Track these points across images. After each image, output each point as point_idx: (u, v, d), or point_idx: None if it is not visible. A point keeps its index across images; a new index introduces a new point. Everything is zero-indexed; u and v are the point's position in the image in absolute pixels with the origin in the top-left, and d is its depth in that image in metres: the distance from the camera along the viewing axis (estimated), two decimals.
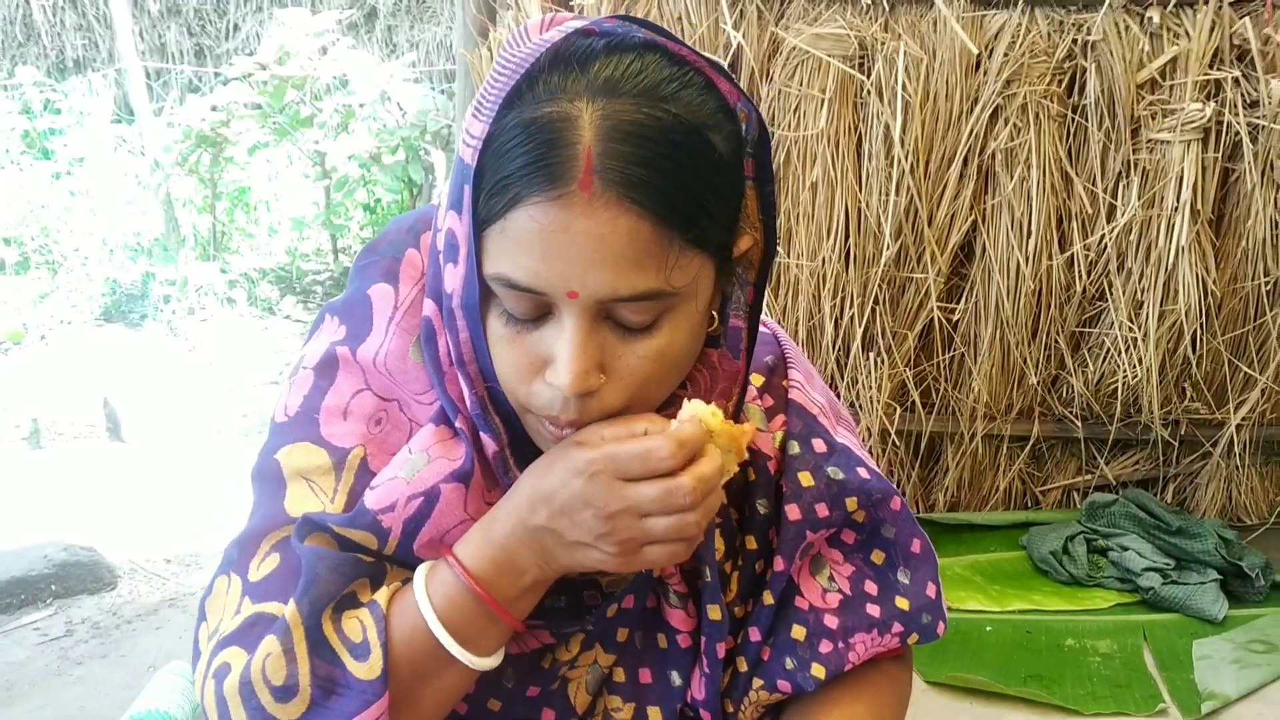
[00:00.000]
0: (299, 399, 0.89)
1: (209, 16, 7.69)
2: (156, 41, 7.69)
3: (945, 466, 3.08)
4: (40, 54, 7.70)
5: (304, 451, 0.87)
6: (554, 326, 0.75)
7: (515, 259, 0.72)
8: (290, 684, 0.79)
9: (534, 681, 0.96)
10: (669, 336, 0.77)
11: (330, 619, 0.81)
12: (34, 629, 2.53)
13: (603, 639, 0.97)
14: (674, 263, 0.74)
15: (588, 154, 0.70)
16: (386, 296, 0.90)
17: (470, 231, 0.75)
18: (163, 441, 3.74)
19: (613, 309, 0.74)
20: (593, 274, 0.71)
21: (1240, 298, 2.88)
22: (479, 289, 0.77)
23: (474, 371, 0.81)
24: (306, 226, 5.81)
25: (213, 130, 5.10)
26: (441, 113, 5.01)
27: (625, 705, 0.98)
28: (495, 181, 0.73)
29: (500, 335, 0.78)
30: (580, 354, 0.74)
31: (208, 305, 5.05)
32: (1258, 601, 2.66)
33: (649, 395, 0.80)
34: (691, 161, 0.73)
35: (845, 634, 0.97)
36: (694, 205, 0.73)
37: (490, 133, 0.73)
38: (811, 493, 0.96)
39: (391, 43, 7.34)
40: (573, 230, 0.70)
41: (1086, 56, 2.74)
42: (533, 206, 0.71)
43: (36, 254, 5.43)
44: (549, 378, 0.76)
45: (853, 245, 2.82)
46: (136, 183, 5.91)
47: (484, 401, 0.82)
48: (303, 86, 5.11)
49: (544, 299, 0.74)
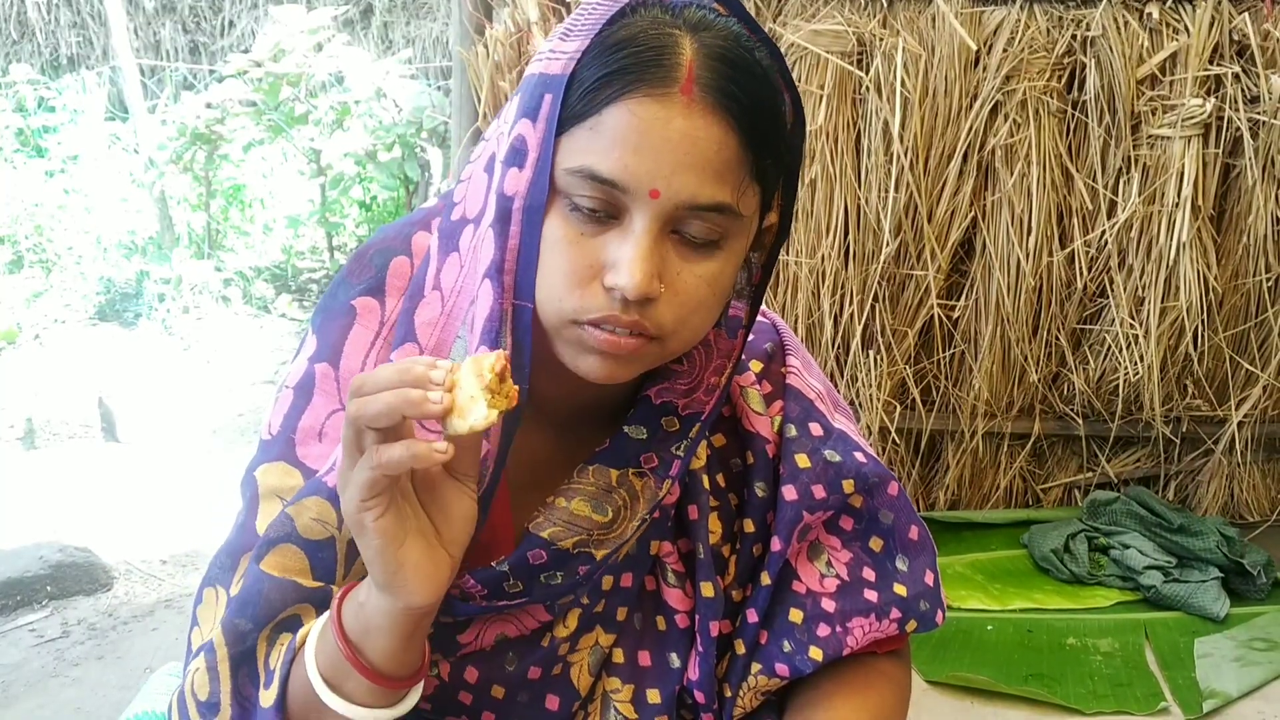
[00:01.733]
0: (280, 418, 0.91)
1: (204, 13, 7.66)
2: (151, 39, 7.66)
3: (946, 464, 3.07)
4: (34, 51, 7.68)
5: (280, 471, 0.89)
6: (619, 232, 0.77)
7: (606, 152, 0.75)
8: (213, 700, 0.81)
9: (534, 662, 0.95)
10: (723, 264, 0.80)
11: (267, 639, 0.82)
12: (30, 630, 2.52)
13: (603, 620, 0.97)
14: (744, 188, 0.78)
15: (690, 65, 0.75)
16: (372, 310, 0.90)
17: (545, 137, 0.77)
18: (158, 441, 3.73)
19: (682, 222, 0.77)
20: (679, 175, 0.75)
21: (1241, 294, 2.87)
22: (545, 192, 0.78)
23: (509, 283, 0.81)
24: (302, 224, 5.79)
25: (207, 128, 5.08)
26: (438, 109, 4.99)
27: (624, 687, 0.98)
28: (596, 79, 0.76)
29: (562, 238, 0.78)
30: (649, 256, 0.76)
31: (202, 304, 5.03)
32: (1259, 599, 2.66)
33: (693, 325, 0.82)
34: (769, 102, 0.79)
35: (843, 618, 0.97)
36: (768, 139, 0.79)
37: (588, 45, 0.77)
38: (808, 474, 0.97)
39: (387, 39, 7.32)
40: (670, 128, 0.74)
41: (1086, 52, 2.73)
42: (634, 102, 0.75)
43: (30, 252, 5.41)
44: (610, 280, 0.77)
45: (852, 242, 2.81)
46: (131, 181, 5.89)
47: (505, 315, 0.81)
48: (298, 83, 5.09)
49: (619, 199, 0.76)
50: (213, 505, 3.23)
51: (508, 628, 0.94)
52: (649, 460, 0.92)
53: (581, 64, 0.77)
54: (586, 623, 0.96)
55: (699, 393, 0.91)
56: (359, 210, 6.19)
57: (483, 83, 2.78)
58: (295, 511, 0.84)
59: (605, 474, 0.91)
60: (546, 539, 0.89)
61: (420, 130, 5.01)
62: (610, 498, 0.91)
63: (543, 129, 0.78)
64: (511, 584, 0.89)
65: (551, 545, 0.89)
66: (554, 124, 0.77)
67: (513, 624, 0.94)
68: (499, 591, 0.89)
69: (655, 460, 0.92)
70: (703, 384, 0.91)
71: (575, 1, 2.73)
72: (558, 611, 0.95)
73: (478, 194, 0.85)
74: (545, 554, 0.89)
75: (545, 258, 0.79)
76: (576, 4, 2.70)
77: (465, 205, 0.87)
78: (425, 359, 0.71)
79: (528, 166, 0.79)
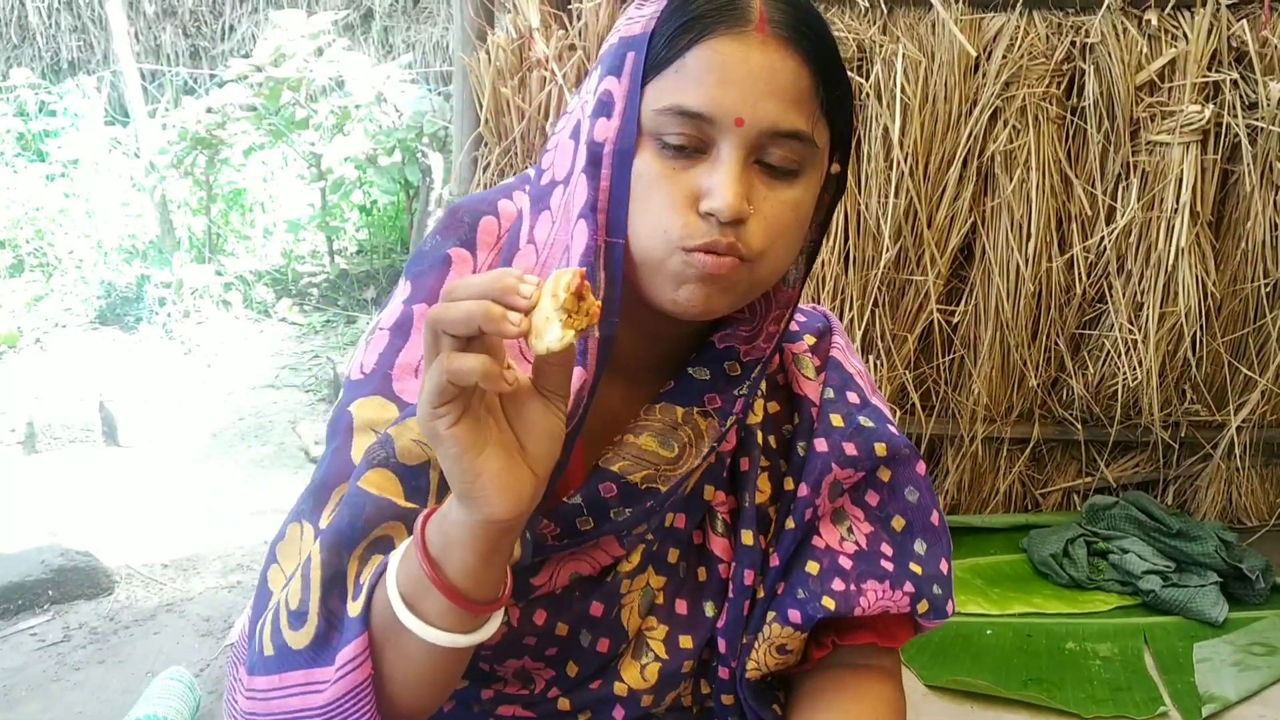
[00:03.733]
0: (374, 357, 0.94)
1: (204, 18, 7.67)
2: (152, 43, 7.67)
3: (945, 469, 3.08)
4: (35, 56, 7.69)
5: (376, 405, 0.91)
6: (708, 164, 0.84)
7: (693, 89, 0.82)
8: (302, 610, 0.82)
9: (598, 598, 0.98)
10: (803, 192, 0.87)
11: (359, 559, 0.84)
12: (31, 634, 2.52)
13: (656, 561, 1.01)
14: (817, 119, 0.85)
15: (760, 7, 0.83)
16: (465, 261, 0.96)
17: (631, 88, 0.85)
18: (159, 445, 3.73)
19: (765, 149, 0.84)
20: (761, 104, 0.82)
21: (1240, 299, 2.88)
22: (634, 135, 0.85)
23: (602, 221, 0.86)
24: (302, 229, 5.80)
25: (208, 132, 5.09)
26: (438, 114, 5.00)
27: (660, 626, 1.02)
28: (677, 27, 0.83)
29: (654, 175, 0.84)
30: (737, 180, 0.82)
31: (203, 308, 5.04)
32: (1258, 604, 2.66)
33: (779, 250, 0.87)
34: (831, 41, 0.87)
35: (858, 578, 1.01)
36: (834, 76, 0.86)
37: (664, 5, 0.85)
38: (840, 432, 1.02)
39: (387, 44, 7.33)
40: (750, 62, 0.82)
41: (1085, 59, 2.74)
42: (715, 40, 0.82)
43: (31, 257, 5.42)
44: (704, 205, 0.82)
45: (852, 247, 2.82)
46: (131, 185, 5.90)
47: (599, 250, 0.86)
48: (298, 88, 5.10)
49: (707, 131, 0.83)
50: (214, 509, 3.24)
51: (581, 565, 0.97)
52: (712, 401, 0.96)
53: (661, 19, 0.85)
54: (645, 560, 1.00)
55: (759, 340, 0.97)
56: (359, 215, 6.20)
57: (484, 89, 2.79)
58: (397, 432, 0.86)
59: (671, 411, 0.95)
60: (616, 472, 0.92)
61: (421, 135, 5.01)
62: (676, 434, 0.95)
63: (628, 82, 0.85)
64: (583, 519, 0.92)
65: (621, 479, 0.92)
66: (639, 75, 0.84)
67: (586, 561, 0.97)
68: (571, 529, 0.92)
69: (718, 401, 0.96)
70: (762, 332, 0.97)
71: (576, 6, 2.75)
72: (629, 544, 0.98)
73: (565, 158, 0.90)
74: (615, 487, 0.92)
75: (642, 194, 0.85)
76: (578, 9, 2.71)
77: (554, 170, 0.92)
78: (517, 271, 0.71)
79: (616, 115, 0.86)
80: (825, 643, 1.03)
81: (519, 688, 0.99)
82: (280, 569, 0.89)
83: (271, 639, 0.83)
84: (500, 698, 1.00)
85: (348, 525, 0.84)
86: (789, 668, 1.04)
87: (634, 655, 1.01)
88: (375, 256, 5.96)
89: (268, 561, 0.91)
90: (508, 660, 0.97)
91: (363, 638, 0.80)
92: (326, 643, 0.82)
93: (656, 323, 0.91)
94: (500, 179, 2.80)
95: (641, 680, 1.00)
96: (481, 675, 0.98)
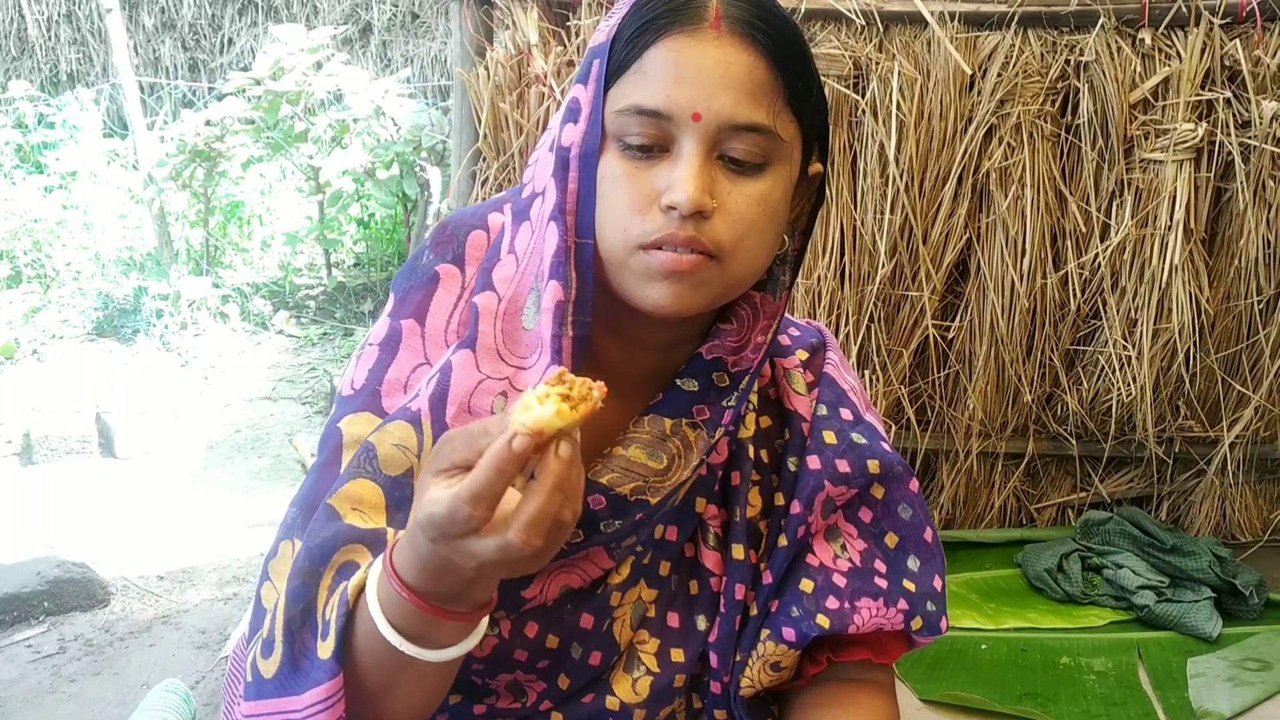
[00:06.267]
0: (364, 373, 0.95)
1: (204, 31, 7.70)
2: (151, 56, 7.69)
3: (940, 484, 3.09)
4: (34, 68, 7.70)
5: (365, 421, 0.92)
6: (669, 162, 0.85)
7: (650, 88, 0.84)
8: (270, 639, 0.84)
9: (588, 609, 0.99)
10: (770, 186, 0.87)
11: (327, 588, 0.84)
12: (26, 646, 2.52)
13: (648, 573, 1.02)
14: (779, 111, 0.86)
15: (716, 5, 0.85)
16: (454, 277, 0.97)
17: (596, 93, 0.87)
18: (156, 457, 3.73)
19: (725, 144, 0.85)
20: (717, 97, 0.83)
21: (1233, 316, 2.90)
22: (599, 138, 0.87)
23: (571, 223, 0.88)
24: (300, 241, 5.80)
25: (206, 145, 5.09)
26: (436, 128, 5.01)
27: (651, 640, 1.02)
28: (635, 30, 0.86)
29: (617, 175, 0.86)
30: (698, 173, 0.83)
31: (200, 320, 5.04)
32: (1252, 619, 2.66)
33: (749, 246, 0.87)
34: (793, 35, 0.88)
35: (852, 595, 1.01)
36: (796, 69, 0.87)
37: (627, 11, 0.87)
38: (833, 449, 1.03)
39: (386, 58, 7.35)
40: (705, 57, 0.84)
41: (1079, 77, 2.76)
42: (671, 39, 0.84)
43: (29, 268, 5.42)
44: (666, 199, 0.84)
45: (848, 263, 2.84)
46: (130, 197, 5.91)
47: (569, 251, 0.87)
48: (297, 101, 5.11)
49: (666, 129, 0.84)
50: (210, 521, 3.24)
51: (571, 578, 0.97)
52: (701, 413, 0.97)
53: (621, 25, 0.87)
54: (636, 573, 1.00)
55: (747, 350, 0.97)
56: (357, 228, 6.21)
57: (483, 104, 2.81)
58: (378, 438, 0.88)
59: (659, 423, 0.96)
60: (605, 485, 0.93)
61: (419, 148, 5.03)
62: (665, 445, 0.95)
63: (594, 87, 0.87)
64: (573, 532, 0.90)
65: (610, 491, 0.92)
66: (603, 80, 0.86)
67: (576, 573, 0.97)
68: None
69: (707, 413, 0.97)
70: (750, 343, 0.97)
71: (575, 23, 2.76)
72: (618, 557, 0.98)
73: (544, 170, 0.92)
74: (604, 500, 0.92)
75: (606, 195, 0.87)
76: (576, 26, 2.73)
77: (534, 183, 0.94)
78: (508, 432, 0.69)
79: (582, 119, 0.88)
80: (820, 659, 1.03)
81: (511, 701, 1.00)
82: (274, 586, 0.90)
83: (251, 667, 0.86)
84: (493, 712, 1.00)
85: (317, 552, 0.84)
86: (783, 683, 1.05)
87: (625, 668, 1.02)
88: (373, 269, 5.97)
89: (262, 579, 0.92)
90: (499, 674, 0.98)
91: (336, 679, 0.80)
92: (296, 669, 0.82)
93: (641, 330, 0.93)
94: (498, 193, 2.81)
95: (634, 694, 1.01)
96: (474, 689, 0.99)
